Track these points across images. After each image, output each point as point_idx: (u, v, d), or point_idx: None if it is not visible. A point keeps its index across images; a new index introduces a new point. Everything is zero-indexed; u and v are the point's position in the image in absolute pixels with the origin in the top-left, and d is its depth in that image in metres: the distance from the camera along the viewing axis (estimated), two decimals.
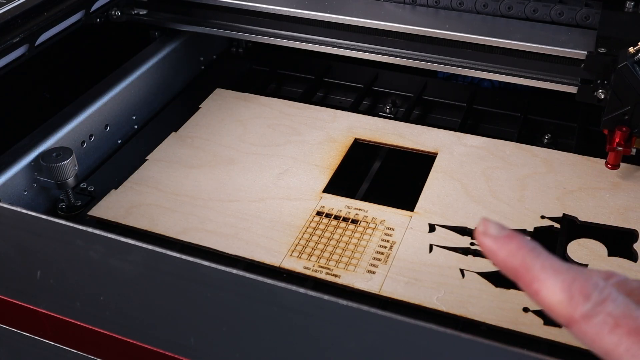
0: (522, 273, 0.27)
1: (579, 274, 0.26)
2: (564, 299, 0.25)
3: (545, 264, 0.26)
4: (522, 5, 0.75)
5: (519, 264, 0.27)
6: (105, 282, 0.44)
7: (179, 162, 0.73)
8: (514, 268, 0.27)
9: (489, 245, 0.28)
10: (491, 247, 0.28)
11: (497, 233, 0.28)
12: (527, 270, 0.26)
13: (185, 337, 0.43)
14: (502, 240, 0.27)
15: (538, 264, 0.26)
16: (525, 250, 0.27)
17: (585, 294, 0.25)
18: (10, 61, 0.69)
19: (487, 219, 0.28)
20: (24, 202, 0.67)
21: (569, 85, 0.71)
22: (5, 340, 0.54)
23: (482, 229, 0.28)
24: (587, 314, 0.25)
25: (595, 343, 0.25)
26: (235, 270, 0.39)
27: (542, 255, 0.27)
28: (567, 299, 0.25)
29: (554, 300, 0.26)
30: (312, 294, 0.37)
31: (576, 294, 0.25)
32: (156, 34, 0.91)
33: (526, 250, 0.27)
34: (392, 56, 0.77)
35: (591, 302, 0.25)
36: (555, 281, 0.26)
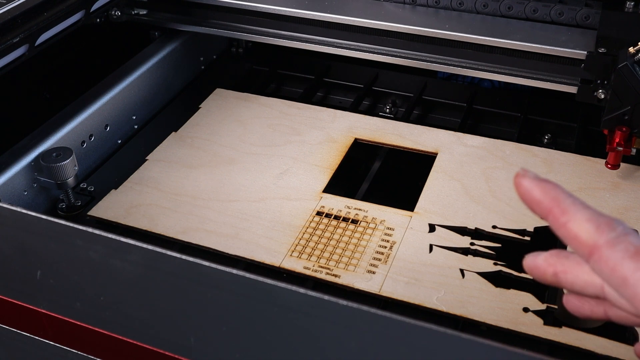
0: (553, 206, 0.29)
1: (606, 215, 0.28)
2: (591, 228, 0.28)
3: (575, 201, 0.29)
4: (522, 5, 0.75)
5: (552, 199, 0.29)
6: (105, 282, 0.44)
7: (179, 162, 0.73)
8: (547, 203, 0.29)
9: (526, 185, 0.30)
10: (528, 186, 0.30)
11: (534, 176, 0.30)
12: (558, 204, 0.29)
13: (185, 337, 0.43)
14: (538, 181, 0.30)
15: (569, 199, 0.29)
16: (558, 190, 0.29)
17: (611, 225, 0.28)
18: (10, 61, 0.69)
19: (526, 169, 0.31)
20: (24, 202, 0.67)
21: (569, 85, 0.71)
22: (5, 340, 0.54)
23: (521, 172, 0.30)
24: (612, 241, 0.27)
25: (614, 270, 0.27)
26: (235, 270, 0.39)
27: (573, 196, 0.29)
28: (594, 227, 0.28)
29: (581, 229, 0.28)
30: (312, 294, 0.37)
31: (603, 225, 0.28)
32: (156, 34, 0.91)
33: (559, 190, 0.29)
34: (392, 56, 0.77)
35: (616, 232, 0.27)
36: (584, 214, 0.29)
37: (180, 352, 0.44)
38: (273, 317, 0.39)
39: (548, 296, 0.56)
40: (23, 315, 0.49)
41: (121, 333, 0.46)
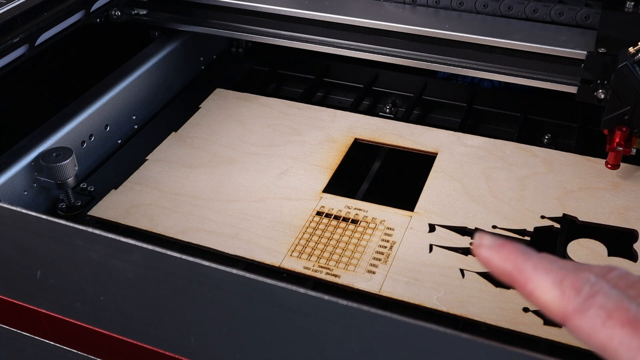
0: (515, 276, 0.28)
1: (570, 270, 0.26)
2: (556, 295, 0.26)
3: (537, 265, 0.27)
4: (522, 5, 0.75)
5: (512, 268, 0.28)
6: (105, 282, 0.44)
7: (179, 162, 0.73)
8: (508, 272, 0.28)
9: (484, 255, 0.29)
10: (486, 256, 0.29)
11: (490, 243, 0.29)
12: (519, 272, 0.27)
13: (185, 337, 0.43)
14: (496, 248, 0.29)
15: (530, 265, 0.27)
16: (517, 254, 0.28)
17: (577, 288, 0.26)
18: (10, 61, 0.69)
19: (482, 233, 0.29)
20: (24, 202, 0.67)
21: (569, 85, 0.71)
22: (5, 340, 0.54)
23: (477, 241, 0.29)
24: (579, 307, 0.25)
25: (590, 337, 0.25)
26: (235, 270, 0.39)
27: (534, 256, 0.27)
28: (559, 294, 0.26)
29: (547, 298, 0.26)
30: (312, 294, 0.37)
31: (567, 289, 0.26)
32: (156, 34, 0.91)
33: (518, 254, 0.28)
34: (392, 56, 0.77)
35: (582, 296, 0.25)
36: (547, 279, 0.26)
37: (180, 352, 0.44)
38: (273, 317, 0.39)
39: None
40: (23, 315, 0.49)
41: (121, 333, 0.46)
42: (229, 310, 0.41)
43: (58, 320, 0.48)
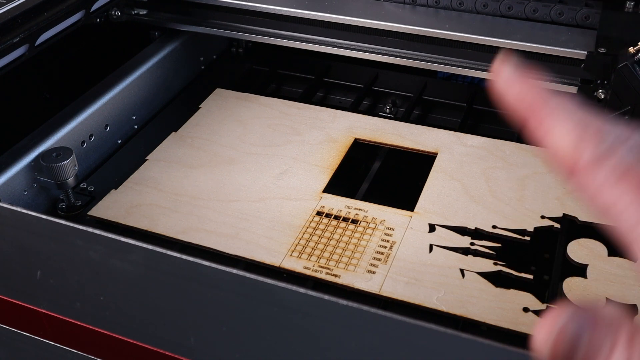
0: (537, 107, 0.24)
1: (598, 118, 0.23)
2: (573, 140, 0.23)
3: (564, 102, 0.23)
4: (522, 5, 0.75)
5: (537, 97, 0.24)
6: (105, 282, 0.44)
7: (179, 162, 0.73)
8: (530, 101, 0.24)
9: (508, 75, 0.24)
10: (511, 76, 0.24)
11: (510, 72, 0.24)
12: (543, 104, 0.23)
13: (185, 337, 0.43)
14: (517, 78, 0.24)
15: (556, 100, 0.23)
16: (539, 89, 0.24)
17: (598, 137, 0.22)
18: (10, 61, 0.69)
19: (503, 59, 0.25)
20: (24, 202, 0.67)
21: (569, 85, 0.71)
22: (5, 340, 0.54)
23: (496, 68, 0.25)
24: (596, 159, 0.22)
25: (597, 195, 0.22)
26: (235, 270, 0.39)
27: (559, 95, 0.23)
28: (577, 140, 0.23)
29: (563, 142, 0.23)
30: (312, 294, 0.37)
31: (587, 137, 0.22)
32: (156, 34, 0.91)
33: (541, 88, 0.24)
34: (392, 56, 0.77)
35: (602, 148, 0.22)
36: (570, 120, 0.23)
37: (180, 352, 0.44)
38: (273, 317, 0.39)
39: (548, 296, 0.56)
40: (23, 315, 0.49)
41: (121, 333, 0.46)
42: (229, 310, 0.41)
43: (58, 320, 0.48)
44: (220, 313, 0.41)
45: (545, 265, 0.59)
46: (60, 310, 0.47)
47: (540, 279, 0.58)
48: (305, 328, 0.39)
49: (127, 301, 0.45)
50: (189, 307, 0.42)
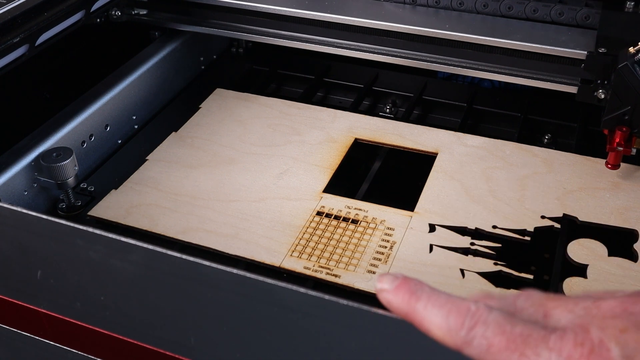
0: (412, 317, 0.29)
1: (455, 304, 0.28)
2: (445, 332, 0.28)
3: (426, 304, 0.29)
4: (522, 5, 0.75)
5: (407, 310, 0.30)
6: (105, 282, 0.44)
7: (179, 162, 0.73)
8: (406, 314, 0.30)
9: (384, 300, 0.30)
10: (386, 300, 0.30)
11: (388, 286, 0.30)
12: (414, 313, 0.29)
13: (185, 337, 0.43)
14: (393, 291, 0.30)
15: (421, 305, 0.29)
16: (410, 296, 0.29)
17: (460, 323, 0.28)
18: (10, 61, 0.69)
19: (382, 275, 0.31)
20: (24, 202, 0.67)
21: (569, 85, 0.70)
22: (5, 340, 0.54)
23: (378, 285, 0.31)
24: (465, 340, 0.28)
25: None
26: (236, 270, 0.39)
27: (424, 295, 0.29)
28: (447, 330, 0.28)
29: (440, 334, 0.28)
30: (312, 294, 0.37)
31: (452, 325, 0.28)
32: (156, 34, 0.91)
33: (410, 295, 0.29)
34: (392, 56, 0.77)
35: (465, 329, 0.28)
36: (435, 318, 0.29)
37: (180, 352, 0.44)
38: (273, 317, 0.39)
39: None
40: (23, 315, 0.49)
41: (121, 333, 0.46)
42: (229, 310, 0.41)
43: (58, 320, 0.48)
44: (220, 313, 0.41)
45: (545, 265, 0.59)
46: (60, 310, 0.47)
47: (541, 279, 0.58)
48: (305, 328, 0.39)
49: (127, 301, 0.45)
50: (189, 307, 0.42)
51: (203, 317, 0.42)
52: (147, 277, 0.43)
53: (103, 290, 0.45)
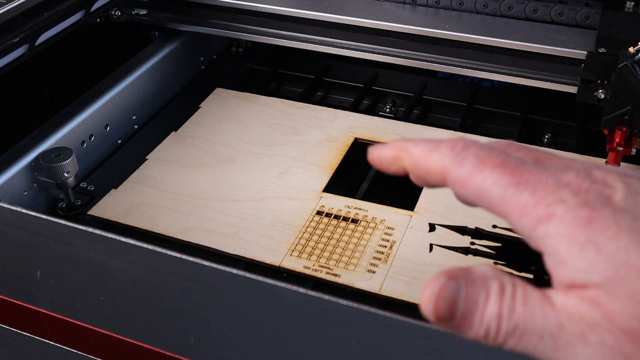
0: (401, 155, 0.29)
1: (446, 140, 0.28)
2: (435, 156, 0.27)
3: (417, 141, 0.29)
4: (522, 5, 0.75)
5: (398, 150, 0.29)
6: (105, 282, 0.44)
7: (179, 161, 0.73)
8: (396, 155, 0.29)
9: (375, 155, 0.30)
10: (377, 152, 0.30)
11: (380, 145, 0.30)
12: (404, 150, 0.29)
13: (185, 337, 0.43)
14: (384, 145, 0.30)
15: (412, 143, 0.29)
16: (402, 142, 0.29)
17: (451, 146, 0.27)
18: (10, 61, 0.69)
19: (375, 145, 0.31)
20: (24, 202, 0.67)
21: (569, 85, 0.70)
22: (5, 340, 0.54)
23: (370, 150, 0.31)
24: (455, 160, 0.27)
25: (467, 185, 0.26)
26: (235, 270, 0.39)
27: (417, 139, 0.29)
28: (437, 155, 0.27)
29: (429, 161, 0.28)
30: (312, 294, 0.37)
31: (443, 149, 0.27)
32: (156, 34, 0.91)
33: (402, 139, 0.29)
34: (392, 56, 0.77)
35: (457, 150, 0.27)
36: (425, 147, 0.28)
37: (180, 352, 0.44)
38: (273, 317, 0.39)
39: None
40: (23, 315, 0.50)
41: (121, 333, 0.46)
42: (229, 310, 0.41)
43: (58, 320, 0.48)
44: (220, 313, 0.41)
45: None
46: (60, 310, 0.47)
47: (541, 279, 0.58)
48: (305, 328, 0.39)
49: (127, 301, 0.45)
50: (189, 307, 0.42)
51: (203, 317, 0.42)
52: (147, 277, 0.43)
53: (103, 290, 0.45)
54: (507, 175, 0.25)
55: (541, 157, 0.27)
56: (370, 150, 0.30)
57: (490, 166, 0.25)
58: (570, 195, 0.23)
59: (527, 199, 0.24)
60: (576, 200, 0.23)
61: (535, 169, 0.25)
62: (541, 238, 0.24)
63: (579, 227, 0.23)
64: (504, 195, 0.25)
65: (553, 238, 0.24)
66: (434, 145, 0.28)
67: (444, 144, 0.27)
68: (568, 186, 0.24)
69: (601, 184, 0.24)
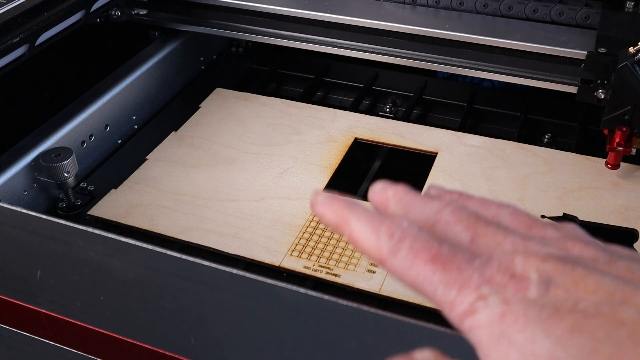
0: (342, 226, 0.30)
1: (388, 219, 0.29)
2: (373, 241, 0.28)
3: (359, 215, 0.29)
4: (522, 5, 0.75)
5: (339, 219, 0.30)
6: (105, 282, 0.44)
7: (179, 161, 0.73)
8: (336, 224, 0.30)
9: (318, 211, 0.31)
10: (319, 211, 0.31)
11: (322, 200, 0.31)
12: (346, 223, 0.30)
13: (185, 337, 0.43)
14: (327, 203, 0.31)
15: (353, 216, 0.30)
16: (344, 207, 0.30)
17: (390, 234, 0.28)
18: (10, 61, 0.69)
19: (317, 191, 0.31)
20: (24, 202, 0.67)
21: (569, 85, 0.70)
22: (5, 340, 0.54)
23: (312, 199, 0.31)
24: (391, 250, 0.28)
25: (403, 276, 0.28)
26: (235, 270, 0.39)
27: (358, 208, 0.30)
28: (376, 240, 0.28)
29: (367, 244, 0.29)
30: (312, 294, 0.37)
31: (382, 235, 0.28)
32: (156, 34, 0.91)
33: (344, 207, 0.30)
34: (392, 56, 0.77)
35: (394, 240, 0.28)
36: (366, 227, 0.29)
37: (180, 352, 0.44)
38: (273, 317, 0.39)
39: None
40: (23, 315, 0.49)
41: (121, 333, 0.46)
42: (229, 310, 0.41)
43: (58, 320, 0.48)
44: (220, 313, 0.41)
45: None
46: (60, 310, 0.47)
47: None
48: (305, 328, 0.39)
49: (127, 301, 0.45)
50: (189, 307, 0.42)
51: (203, 317, 0.42)
52: (147, 277, 0.43)
53: (103, 290, 0.45)
54: (438, 272, 0.27)
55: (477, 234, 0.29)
56: (314, 202, 0.31)
57: (423, 261, 0.27)
58: (490, 292, 0.26)
59: (455, 296, 0.27)
60: (495, 297, 0.26)
61: (463, 262, 0.27)
62: (468, 331, 0.26)
63: (495, 322, 0.25)
64: (435, 292, 0.27)
65: (476, 332, 0.26)
66: (374, 228, 0.29)
67: (383, 228, 0.29)
68: (489, 282, 0.26)
69: (518, 277, 0.26)
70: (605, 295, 0.25)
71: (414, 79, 0.89)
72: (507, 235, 0.28)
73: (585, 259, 0.27)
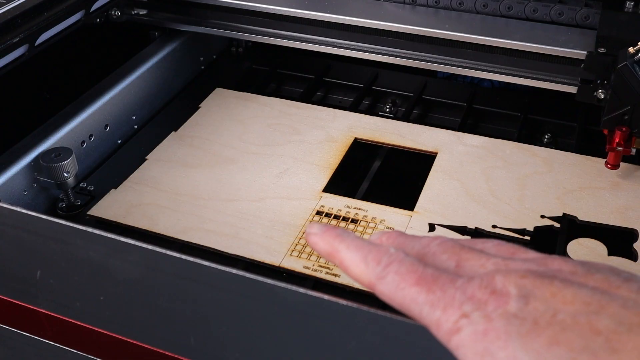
0: (334, 256, 0.32)
1: (375, 247, 0.31)
2: (362, 268, 0.31)
3: (349, 245, 0.32)
4: (522, 5, 0.75)
5: (330, 250, 0.32)
6: (105, 282, 0.44)
7: (178, 161, 0.73)
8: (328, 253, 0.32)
9: (311, 241, 0.33)
10: (313, 242, 0.33)
11: (316, 231, 0.33)
12: (336, 252, 0.32)
13: (185, 337, 0.43)
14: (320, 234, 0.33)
15: (343, 246, 0.32)
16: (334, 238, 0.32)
17: (377, 260, 0.30)
18: (10, 61, 0.69)
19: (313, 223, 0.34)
20: (24, 202, 0.67)
21: (569, 85, 0.70)
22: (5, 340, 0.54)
23: (307, 230, 0.34)
24: (379, 275, 0.30)
25: (391, 299, 0.29)
26: (235, 270, 0.39)
27: (349, 238, 0.32)
28: (364, 267, 0.31)
29: (357, 271, 0.31)
30: (312, 294, 0.37)
31: (370, 262, 0.30)
32: (156, 34, 0.91)
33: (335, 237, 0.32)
34: (392, 56, 0.77)
35: (381, 266, 0.30)
36: (355, 256, 0.31)
37: (180, 352, 0.44)
38: (273, 317, 0.39)
39: None
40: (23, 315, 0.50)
41: (121, 333, 0.46)
42: (229, 310, 0.41)
43: (58, 320, 0.48)
44: (220, 313, 0.41)
45: None
46: (60, 310, 0.47)
47: None
48: (305, 328, 0.39)
49: (127, 301, 0.45)
50: (189, 307, 0.42)
51: (203, 317, 0.42)
52: (147, 277, 0.43)
53: (103, 290, 0.45)
54: (423, 294, 0.28)
55: (462, 259, 0.30)
56: (308, 232, 0.33)
57: (409, 284, 0.29)
58: (472, 309, 0.27)
59: (440, 316, 0.28)
60: (477, 314, 0.27)
61: (447, 283, 0.28)
62: (454, 349, 0.27)
63: (478, 339, 0.26)
64: (422, 313, 0.28)
65: (461, 349, 0.27)
66: (363, 256, 0.31)
67: (371, 255, 0.31)
68: (471, 300, 0.27)
69: (498, 292, 0.27)
70: (581, 305, 0.26)
71: (414, 79, 0.89)
72: (490, 258, 0.30)
73: (563, 272, 0.28)
